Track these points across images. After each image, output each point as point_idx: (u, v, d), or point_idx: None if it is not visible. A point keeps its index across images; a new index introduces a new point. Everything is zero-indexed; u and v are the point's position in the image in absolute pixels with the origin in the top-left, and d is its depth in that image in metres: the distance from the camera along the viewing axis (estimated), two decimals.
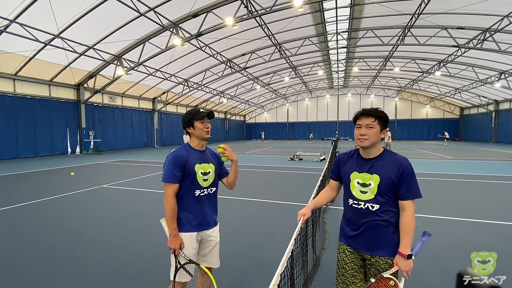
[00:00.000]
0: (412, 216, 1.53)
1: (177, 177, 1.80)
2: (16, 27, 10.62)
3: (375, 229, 1.59)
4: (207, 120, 1.91)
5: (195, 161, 1.87)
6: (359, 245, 1.65)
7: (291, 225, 2.24)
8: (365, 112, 1.60)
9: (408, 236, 1.51)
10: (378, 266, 1.59)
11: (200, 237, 1.92)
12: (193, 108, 1.96)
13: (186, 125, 1.91)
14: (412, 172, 1.55)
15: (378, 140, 1.59)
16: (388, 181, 1.54)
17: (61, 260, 3.14)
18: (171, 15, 12.90)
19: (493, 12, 13.06)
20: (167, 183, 1.80)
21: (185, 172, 1.83)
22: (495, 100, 27.37)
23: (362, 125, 1.59)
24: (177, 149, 1.91)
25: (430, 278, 2.71)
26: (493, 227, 4.14)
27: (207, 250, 1.97)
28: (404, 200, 1.54)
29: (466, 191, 6.61)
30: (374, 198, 1.57)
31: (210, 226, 1.95)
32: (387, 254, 1.58)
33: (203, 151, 1.96)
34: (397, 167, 1.54)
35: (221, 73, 22.44)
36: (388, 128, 1.73)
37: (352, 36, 18.86)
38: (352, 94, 39.04)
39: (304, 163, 11.92)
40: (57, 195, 6.19)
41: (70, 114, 17.13)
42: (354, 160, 1.68)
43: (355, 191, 1.63)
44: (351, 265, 1.68)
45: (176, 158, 1.82)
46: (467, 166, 10.94)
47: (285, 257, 1.24)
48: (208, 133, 1.91)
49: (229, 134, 39.49)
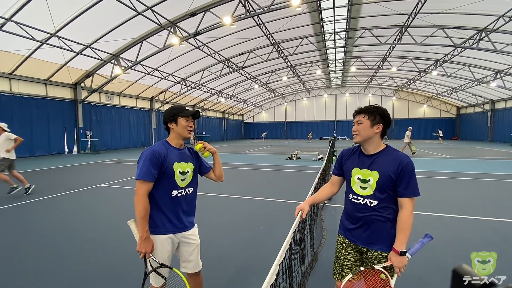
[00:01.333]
0: (410, 214, 1.54)
1: (153, 174, 1.67)
2: (12, 26, 10.53)
3: (372, 224, 1.62)
4: (191, 119, 1.81)
5: (174, 159, 1.75)
6: (357, 238, 1.69)
7: (289, 223, 2.26)
8: (358, 110, 1.70)
9: (404, 233, 1.53)
10: (375, 260, 1.63)
11: (178, 240, 1.81)
12: (178, 104, 1.92)
13: (168, 119, 1.80)
14: (412, 170, 1.56)
15: (371, 135, 1.61)
16: (386, 178, 1.56)
17: (59, 258, 3.14)
18: (168, 14, 12.87)
19: (488, 12, 13.17)
20: (141, 180, 1.67)
21: (162, 170, 1.70)
22: (491, 99, 27.59)
23: (355, 122, 1.69)
24: (154, 144, 1.79)
25: (426, 274, 2.75)
26: (489, 224, 4.19)
27: (186, 254, 1.85)
28: (402, 197, 1.56)
29: (462, 189, 6.68)
30: (373, 194, 1.60)
31: (186, 228, 1.84)
32: (383, 249, 1.61)
33: (182, 149, 1.86)
34: (397, 164, 1.55)
35: (219, 72, 22.41)
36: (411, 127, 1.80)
37: (349, 36, 18.93)
38: (349, 94, 39.17)
39: (302, 162, 11.96)
40: (55, 194, 6.17)
41: (67, 114, 17.02)
42: (356, 156, 1.72)
43: (355, 186, 1.67)
44: (347, 257, 1.73)
45: (154, 154, 1.68)
46: (463, 164, 11.04)
47: (283, 248, 1.26)
48: (190, 132, 1.81)
49: (227, 133, 39.47)
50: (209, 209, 5.07)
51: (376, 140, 1.63)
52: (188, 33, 14.44)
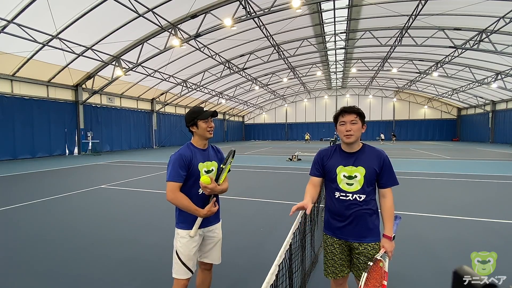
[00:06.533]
0: (392, 202, 1.72)
1: (182, 176, 1.81)
2: (14, 28, 10.60)
3: (361, 218, 1.70)
4: (211, 120, 1.91)
5: (199, 160, 1.88)
6: (348, 235, 1.73)
7: (289, 224, 2.25)
8: (347, 108, 1.72)
9: (390, 220, 1.69)
10: (367, 253, 1.69)
11: (203, 234, 1.93)
12: (196, 107, 1.96)
13: (189, 124, 1.91)
14: (390, 163, 1.72)
15: (359, 135, 1.72)
16: (372, 172, 1.68)
17: (61, 259, 3.15)
18: (169, 16, 12.93)
19: (489, 13, 13.18)
20: (171, 182, 1.79)
21: (189, 171, 1.84)
22: (492, 100, 27.56)
23: (346, 121, 1.70)
24: (181, 148, 1.91)
25: (426, 275, 2.74)
26: (490, 225, 4.18)
27: (209, 247, 1.98)
28: (385, 187, 1.72)
29: (463, 191, 6.66)
30: (361, 188, 1.69)
31: (212, 223, 1.96)
32: (373, 240, 1.70)
33: (206, 149, 1.96)
34: (379, 158, 1.70)
35: (219, 74, 22.47)
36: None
37: (350, 37, 18.97)
38: (350, 95, 39.18)
39: (303, 163, 11.95)
40: (56, 196, 6.18)
41: (68, 115, 17.08)
42: (338, 155, 1.78)
43: (342, 184, 1.72)
44: (340, 256, 1.78)
45: (181, 157, 1.82)
46: (464, 165, 11.01)
47: (283, 249, 1.26)
48: (211, 132, 1.91)
49: (228, 134, 39.51)
50: None
51: (358, 139, 1.75)
52: (189, 35, 14.49)
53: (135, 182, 7.79)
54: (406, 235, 3.71)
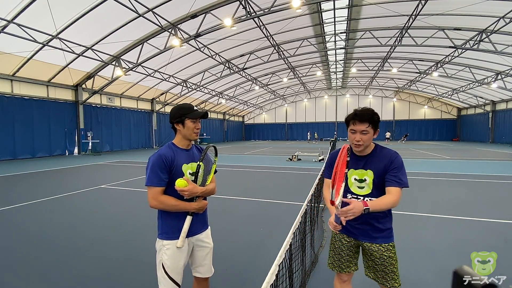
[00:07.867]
0: (393, 200, 1.53)
1: (163, 179, 1.62)
2: (14, 28, 10.59)
3: (373, 219, 1.67)
4: (199, 121, 1.72)
5: (182, 161, 1.69)
6: (358, 235, 1.73)
7: (289, 224, 2.26)
8: (359, 116, 1.59)
9: (379, 203, 1.51)
10: (381, 253, 1.67)
11: (192, 244, 1.76)
12: (185, 103, 1.76)
13: (175, 120, 1.70)
14: (401, 164, 1.63)
15: (371, 141, 1.67)
16: (381, 175, 1.64)
17: (61, 259, 3.15)
18: (169, 16, 12.92)
19: (489, 13, 13.18)
20: (151, 186, 1.60)
21: (171, 173, 1.64)
22: (492, 100, 27.56)
23: (357, 130, 1.60)
24: (160, 148, 1.70)
25: (426, 275, 2.74)
26: (490, 226, 4.18)
27: (200, 259, 1.80)
28: (387, 186, 1.59)
29: (463, 190, 6.66)
30: (371, 192, 1.66)
31: (200, 230, 1.78)
32: (385, 241, 1.68)
33: (190, 149, 1.77)
34: (388, 159, 1.64)
35: (219, 74, 22.47)
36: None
37: (350, 37, 18.96)
38: (350, 95, 39.17)
39: (303, 163, 11.95)
40: (56, 196, 6.18)
41: (68, 115, 17.08)
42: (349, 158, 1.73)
43: (353, 187, 1.71)
44: (347, 251, 1.78)
45: (161, 158, 1.62)
46: (464, 165, 11.01)
47: (283, 249, 1.26)
48: (197, 134, 1.73)
49: (228, 135, 39.51)
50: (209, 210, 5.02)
51: (371, 143, 1.69)
52: (189, 35, 14.49)
53: (135, 182, 7.79)
54: (406, 235, 3.71)
